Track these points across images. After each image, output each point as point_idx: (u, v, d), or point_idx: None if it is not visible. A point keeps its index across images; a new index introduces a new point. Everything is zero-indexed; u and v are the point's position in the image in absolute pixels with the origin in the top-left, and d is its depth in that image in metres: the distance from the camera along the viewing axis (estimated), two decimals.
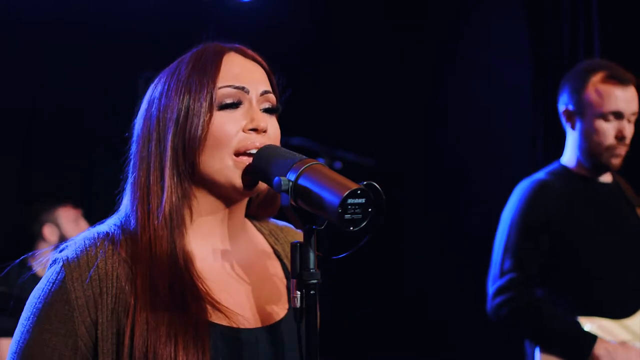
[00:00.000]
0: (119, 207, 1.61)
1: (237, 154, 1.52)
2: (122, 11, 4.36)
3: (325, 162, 3.74)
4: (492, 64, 4.84)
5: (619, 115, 3.04)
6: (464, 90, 4.99)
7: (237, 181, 1.53)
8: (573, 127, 3.13)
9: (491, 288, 3.05)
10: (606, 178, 3.18)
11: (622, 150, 3.07)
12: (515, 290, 2.97)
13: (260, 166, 1.51)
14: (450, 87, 5.07)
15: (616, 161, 3.08)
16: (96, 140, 4.30)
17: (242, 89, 1.55)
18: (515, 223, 3.06)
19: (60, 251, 1.53)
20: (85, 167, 4.42)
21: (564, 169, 3.17)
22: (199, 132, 1.51)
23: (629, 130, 3.07)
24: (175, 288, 1.48)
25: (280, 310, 1.59)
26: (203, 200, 1.57)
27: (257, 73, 1.60)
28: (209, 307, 1.50)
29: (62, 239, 4.14)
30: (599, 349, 2.88)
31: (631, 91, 3.08)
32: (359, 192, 1.36)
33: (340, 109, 4.91)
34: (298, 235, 1.74)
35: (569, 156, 3.18)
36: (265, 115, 1.57)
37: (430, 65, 5.07)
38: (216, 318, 1.50)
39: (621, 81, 3.06)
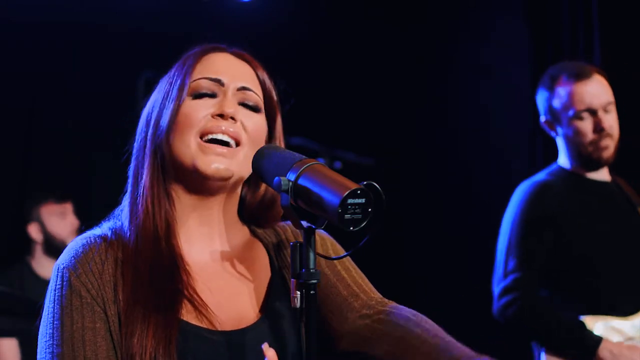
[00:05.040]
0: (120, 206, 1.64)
1: (202, 136, 1.55)
2: (122, 11, 4.36)
3: (325, 162, 3.74)
4: (492, 63, 4.83)
5: (591, 111, 3.04)
6: (464, 90, 4.99)
7: (200, 164, 1.54)
8: (557, 134, 3.16)
9: (496, 289, 3.04)
10: (604, 177, 3.18)
11: (608, 142, 3.06)
12: (521, 290, 2.96)
13: (260, 166, 1.51)
14: (450, 87, 5.06)
15: (605, 154, 3.07)
16: (96, 140, 4.30)
17: (218, 81, 1.59)
18: (518, 222, 3.06)
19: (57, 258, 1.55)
20: (85, 167, 4.42)
21: (562, 169, 3.18)
22: (168, 118, 1.55)
23: (607, 121, 3.05)
24: (154, 273, 1.50)
25: (257, 312, 1.59)
26: (180, 189, 1.59)
27: (240, 70, 1.62)
28: (186, 305, 1.51)
29: (48, 236, 4.14)
30: (603, 351, 2.87)
31: (595, 83, 3.07)
32: (358, 192, 1.36)
33: (340, 108, 4.91)
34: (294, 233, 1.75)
35: (563, 159, 3.20)
36: (240, 108, 1.59)
37: (430, 65, 5.07)
38: (190, 317, 1.50)
39: (581, 77, 3.05)
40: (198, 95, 1.57)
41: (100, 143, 3.62)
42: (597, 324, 2.94)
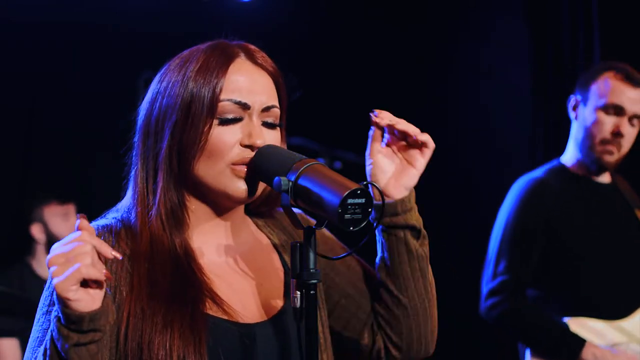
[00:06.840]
0: (124, 194, 1.62)
1: (233, 164, 1.53)
2: (122, 11, 4.35)
3: (325, 162, 3.74)
4: (492, 64, 4.83)
5: (619, 111, 3.02)
6: (464, 90, 4.99)
7: (232, 189, 1.53)
8: (576, 117, 3.13)
9: (484, 289, 3.07)
10: (604, 178, 3.16)
11: (616, 148, 3.03)
12: (506, 293, 2.98)
13: (260, 166, 1.51)
14: (450, 87, 5.06)
15: (609, 158, 3.05)
16: (96, 140, 4.30)
17: (244, 105, 1.54)
18: (512, 223, 3.05)
19: None
20: (85, 167, 4.41)
21: (562, 167, 3.16)
22: (196, 142, 1.52)
23: (627, 130, 3.03)
24: (175, 281, 1.49)
25: (278, 305, 1.59)
26: (198, 204, 1.58)
27: (263, 84, 1.58)
28: (208, 300, 1.50)
29: (51, 236, 4.14)
30: (586, 354, 2.88)
31: (639, 93, 3.06)
32: (358, 192, 1.36)
33: (340, 108, 4.90)
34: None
35: (570, 154, 3.16)
36: (264, 130, 1.56)
37: (430, 65, 5.06)
38: (215, 311, 1.50)
39: (632, 81, 3.05)
40: (225, 121, 1.53)
41: (101, 143, 3.62)
42: (582, 327, 2.94)
